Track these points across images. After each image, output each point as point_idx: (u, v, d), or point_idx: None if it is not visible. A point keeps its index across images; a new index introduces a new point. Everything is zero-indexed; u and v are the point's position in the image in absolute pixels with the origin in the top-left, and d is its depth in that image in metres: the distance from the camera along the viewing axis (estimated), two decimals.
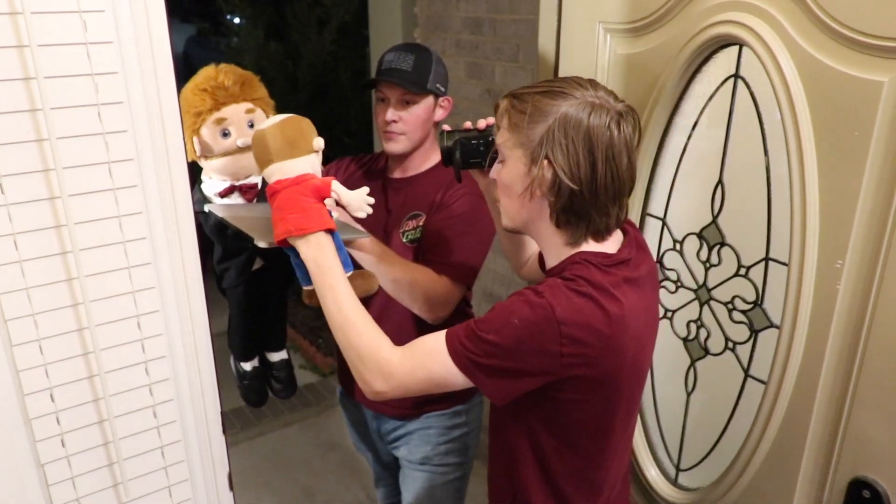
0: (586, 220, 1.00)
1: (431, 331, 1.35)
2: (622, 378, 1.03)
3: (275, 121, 1.11)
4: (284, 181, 1.07)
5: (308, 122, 1.12)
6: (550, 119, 0.96)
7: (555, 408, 1.03)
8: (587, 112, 0.95)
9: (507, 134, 1.02)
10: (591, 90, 0.98)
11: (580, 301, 0.96)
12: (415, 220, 1.54)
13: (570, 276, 0.98)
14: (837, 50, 1.08)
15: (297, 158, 1.08)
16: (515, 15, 2.18)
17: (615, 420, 1.07)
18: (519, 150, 1.00)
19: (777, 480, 1.30)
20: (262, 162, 1.10)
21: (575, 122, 0.95)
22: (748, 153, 1.30)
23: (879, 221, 1.07)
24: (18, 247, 0.94)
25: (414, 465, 1.70)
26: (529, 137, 0.98)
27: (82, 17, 0.92)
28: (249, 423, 3.20)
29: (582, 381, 0.99)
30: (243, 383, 1.73)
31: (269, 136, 1.08)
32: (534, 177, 0.99)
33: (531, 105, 0.98)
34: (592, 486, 1.10)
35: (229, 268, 1.55)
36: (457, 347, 0.99)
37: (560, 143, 0.96)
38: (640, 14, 1.40)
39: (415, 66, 1.49)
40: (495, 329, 0.97)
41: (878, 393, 1.12)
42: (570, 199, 0.98)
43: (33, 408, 1.00)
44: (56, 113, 0.92)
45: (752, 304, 1.34)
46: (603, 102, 0.97)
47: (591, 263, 1.00)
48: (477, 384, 1.00)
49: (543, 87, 1.00)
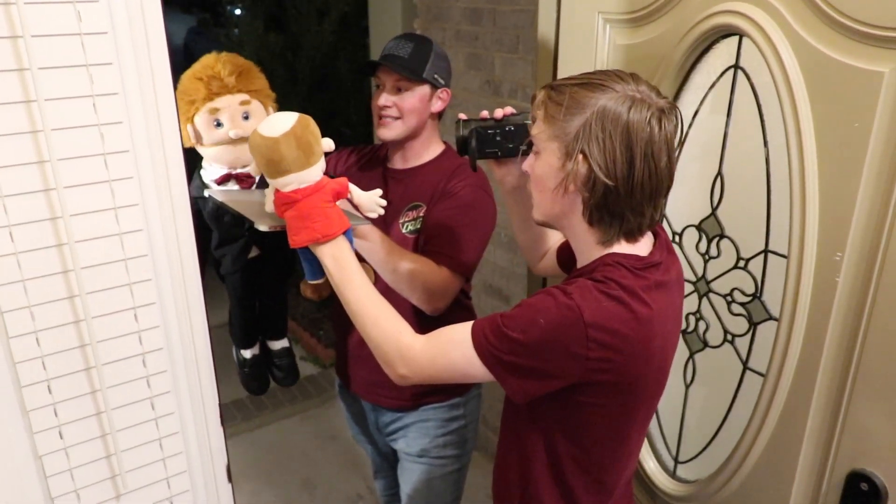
0: (620, 218, 0.97)
1: (430, 322, 1.36)
2: (646, 384, 1.01)
3: (281, 124, 1.04)
4: (304, 190, 1.05)
5: (314, 123, 1.08)
6: (588, 112, 0.93)
7: (574, 410, 1.01)
8: (627, 106, 0.92)
9: (543, 126, 0.98)
10: (633, 84, 0.94)
11: (610, 304, 0.93)
12: (415, 210, 1.54)
13: (601, 278, 0.95)
14: (838, 40, 1.07)
15: (313, 166, 1.05)
16: (515, 5, 2.17)
17: (633, 424, 1.05)
18: (554, 142, 0.97)
19: (775, 473, 1.30)
20: (277, 172, 1.04)
21: (613, 117, 0.92)
22: (748, 145, 1.29)
23: (879, 214, 1.07)
24: (14, 239, 0.94)
25: (412, 457, 1.71)
26: (565, 130, 0.95)
27: (76, 7, 0.91)
28: (249, 415, 3.21)
29: (605, 386, 0.97)
30: (244, 371, 1.74)
31: (283, 146, 1.02)
32: (568, 171, 0.95)
33: (568, 97, 0.94)
34: (604, 487, 1.09)
35: (226, 254, 1.56)
36: (481, 341, 0.98)
37: (597, 137, 0.92)
38: (640, 4, 1.39)
39: (412, 54, 1.49)
40: (521, 328, 0.95)
41: (877, 386, 1.12)
42: (604, 196, 0.95)
43: (30, 399, 1.00)
44: (51, 104, 0.91)
45: (751, 296, 1.34)
46: (644, 97, 0.93)
47: (622, 265, 0.97)
48: (498, 380, 0.99)
49: (582, 79, 0.96)
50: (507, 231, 2.38)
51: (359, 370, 1.68)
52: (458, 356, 1.00)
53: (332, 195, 1.07)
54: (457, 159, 1.54)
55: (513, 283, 2.48)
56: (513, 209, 1.29)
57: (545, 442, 1.06)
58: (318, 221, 1.05)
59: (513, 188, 1.23)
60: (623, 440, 1.07)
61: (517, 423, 1.11)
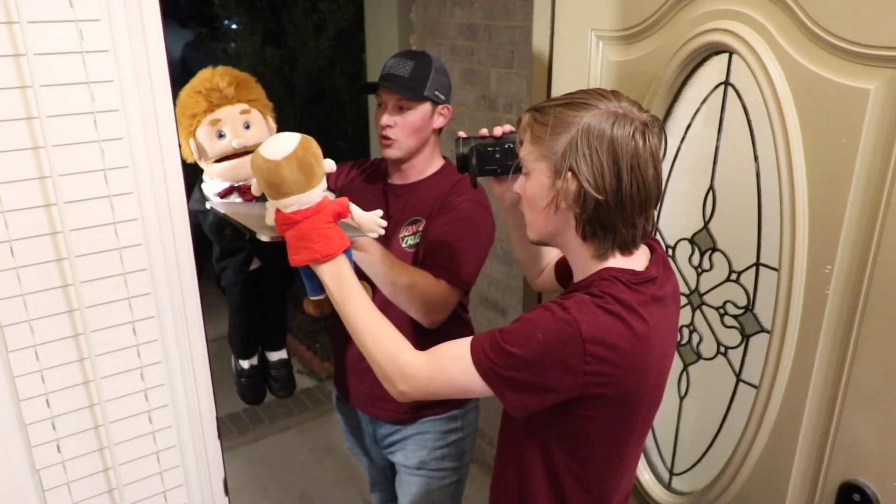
0: (612, 231, 0.99)
1: (428, 335, 1.37)
2: (643, 398, 1.02)
3: (282, 147, 1.04)
4: (305, 211, 1.06)
5: (316, 144, 1.09)
6: (573, 130, 0.95)
7: (571, 424, 1.02)
8: (610, 122, 0.94)
9: (531, 147, 1.01)
10: (615, 101, 0.97)
11: (607, 319, 0.94)
12: (414, 225, 1.55)
13: (598, 293, 0.97)
14: (825, 58, 1.10)
15: (314, 188, 1.06)
16: (510, 21, 2.19)
17: (630, 438, 1.06)
18: (542, 162, 0.99)
19: (769, 484, 1.31)
20: (278, 194, 1.04)
21: (598, 133, 0.94)
22: (739, 159, 1.31)
23: (867, 227, 1.08)
24: (15, 253, 0.95)
25: (410, 469, 1.71)
26: (552, 149, 0.97)
27: (78, 26, 0.92)
28: (245, 428, 3.20)
29: (602, 400, 0.98)
30: (241, 381, 1.74)
31: (284, 169, 1.02)
32: (558, 189, 0.98)
33: (553, 117, 0.97)
34: (601, 501, 1.10)
35: (227, 267, 1.56)
36: (480, 357, 0.99)
37: (584, 153, 0.94)
38: (632, 22, 1.42)
39: (412, 73, 1.50)
40: (520, 342, 0.96)
41: (868, 396, 1.13)
42: (595, 210, 0.97)
43: (29, 413, 1.01)
44: (52, 121, 0.93)
45: (743, 308, 1.35)
46: (627, 112, 0.96)
47: (619, 280, 0.98)
48: (497, 394, 1.00)
49: (565, 99, 0.99)
50: (503, 244, 2.39)
51: (357, 383, 1.68)
52: (457, 372, 1.01)
53: (333, 216, 1.09)
54: (456, 174, 1.55)
55: (508, 296, 2.49)
56: (512, 226, 1.30)
57: (543, 455, 1.07)
58: (318, 242, 1.06)
59: (512, 205, 1.25)
60: (620, 453, 1.07)
61: (515, 437, 1.12)
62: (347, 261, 1.10)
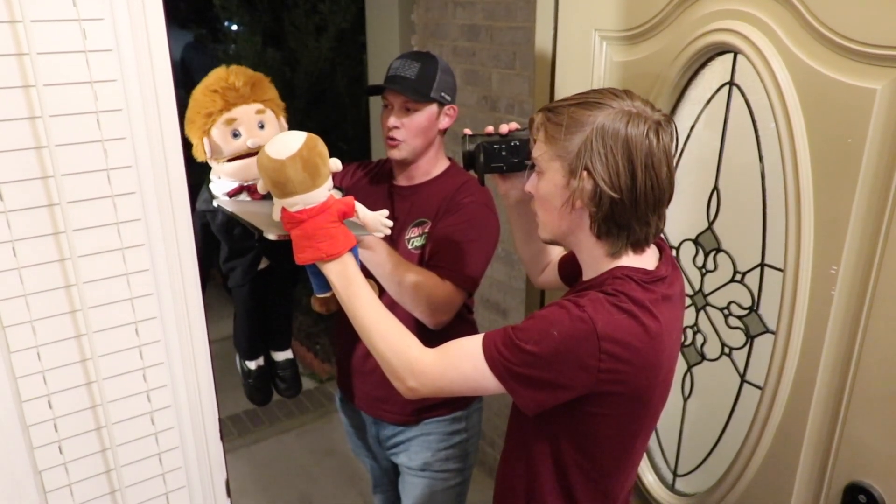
0: (627, 229, 0.99)
1: (432, 335, 1.36)
2: (653, 395, 1.03)
3: (288, 146, 1.04)
4: (309, 210, 1.06)
5: (322, 143, 1.09)
6: (587, 129, 0.96)
7: (582, 420, 1.02)
8: (624, 122, 0.95)
9: (544, 147, 1.01)
10: (628, 100, 0.97)
11: (621, 318, 0.95)
12: (420, 226, 1.55)
13: (612, 291, 0.97)
14: (831, 58, 1.09)
15: (319, 188, 1.06)
16: (512, 22, 2.19)
17: (639, 434, 1.07)
18: (556, 162, 0.99)
19: (773, 485, 1.31)
20: (283, 193, 1.05)
21: (613, 132, 0.95)
22: (743, 159, 1.30)
23: (873, 227, 1.08)
24: (17, 253, 0.94)
25: (414, 471, 1.70)
26: (567, 149, 0.97)
27: (81, 25, 0.92)
28: (247, 430, 3.19)
29: (614, 397, 0.99)
30: (248, 382, 1.73)
31: (289, 169, 1.02)
32: (573, 188, 0.98)
33: (567, 117, 0.97)
34: (608, 496, 1.10)
35: (235, 267, 1.56)
36: (493, 353, 0.99)
37: (599, 152, 0.95)
38: (636, 22, 1.41)
39: (419, 75, 1.50)
40: (534, 339, 0.96)
41: (874, 397, 1.13)
42: (610, 209, 0.97)
43: (31, 414, 1.00)
44: (55, 120, 0.92)
45: (747, 309, 1.35)
46: (640, 112, 0.96)
47: (632, 279, 0.99)
48: (510, 392, 1.00)
49: (578, 98, 1.00)
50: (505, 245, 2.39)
51: (361, 384, 1.68)
52: (468, 369, 1.01)
53: (338, 215, 1.08)
54: (462, 175, 1.55)
55: (510, 297, 2.48)
56: (516, 223, 1.30)
57: (552, 451, 1.07)
58: (323, 241, 1.06)
59: (517, 202, 1.25)
60: (629, 450, 1.08)
61: (524, 433, 1.12)
62: (354, 259, 1.10)
